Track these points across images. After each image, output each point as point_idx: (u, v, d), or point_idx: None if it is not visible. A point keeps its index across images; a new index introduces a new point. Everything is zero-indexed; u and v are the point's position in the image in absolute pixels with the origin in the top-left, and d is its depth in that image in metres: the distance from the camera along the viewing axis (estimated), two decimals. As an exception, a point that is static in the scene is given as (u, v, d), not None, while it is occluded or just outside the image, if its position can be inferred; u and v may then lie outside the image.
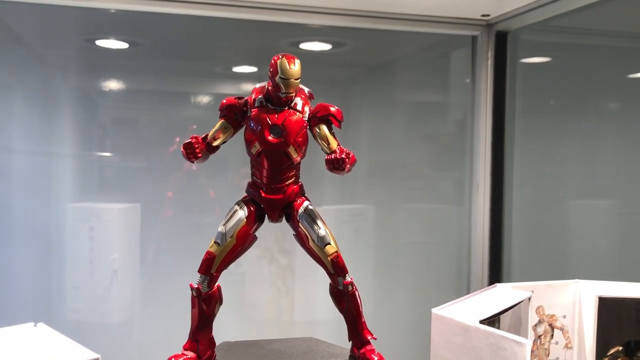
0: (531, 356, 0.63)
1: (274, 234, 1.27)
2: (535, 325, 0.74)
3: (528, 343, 0.58)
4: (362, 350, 0.64)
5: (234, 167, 1.31)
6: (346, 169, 0.61)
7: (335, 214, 1.37)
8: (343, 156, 0.60)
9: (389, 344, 0.70)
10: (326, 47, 1.39)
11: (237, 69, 1.39)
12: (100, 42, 1.30)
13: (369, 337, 0.65)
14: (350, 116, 1.42)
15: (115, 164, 1.29)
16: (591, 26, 1.42)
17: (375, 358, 0.63)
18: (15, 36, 1.25)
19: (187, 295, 0.64)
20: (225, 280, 0.65)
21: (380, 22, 1.28)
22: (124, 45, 1.31)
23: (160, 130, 1.34)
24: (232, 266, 0.64)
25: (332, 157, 0.61)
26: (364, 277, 1.39)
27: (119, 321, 1.26)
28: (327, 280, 0.65)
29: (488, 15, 1.31)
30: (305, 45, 1.37)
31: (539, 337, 0.74)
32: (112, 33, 1.29)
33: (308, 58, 1.40)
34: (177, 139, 1.39)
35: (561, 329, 0.74)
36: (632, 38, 1.50)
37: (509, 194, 1.40)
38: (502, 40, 1.37)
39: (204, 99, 1.37)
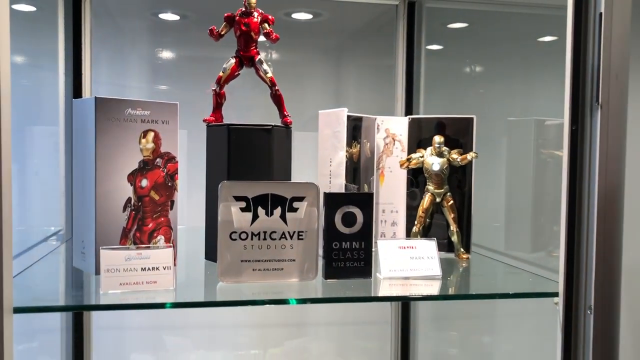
0: (382, 154, 1.29)
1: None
2: (385, 137, 1.38)
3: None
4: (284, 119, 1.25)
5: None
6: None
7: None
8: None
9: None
10: (309, 16, 2.07)
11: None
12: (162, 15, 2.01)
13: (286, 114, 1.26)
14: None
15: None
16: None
17: (289, 119, 1.25)
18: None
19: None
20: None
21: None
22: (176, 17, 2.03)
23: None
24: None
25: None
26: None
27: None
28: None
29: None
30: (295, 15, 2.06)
31: (386, 144, 1.38)
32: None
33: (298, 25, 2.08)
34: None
35: (400, 141, 1.39)
36: (537, 7, 2.06)
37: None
38: (414, 9, 1.84)
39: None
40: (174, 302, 0.97)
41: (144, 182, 1.11)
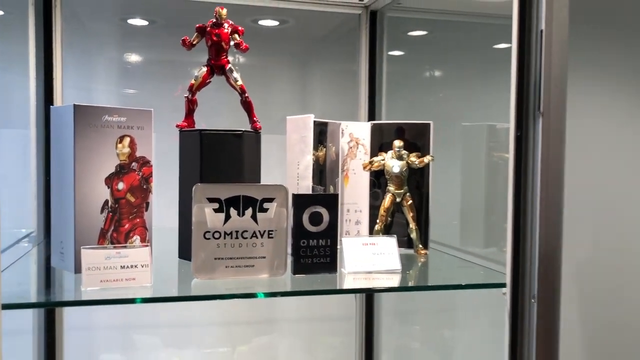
0: (346, 157, 1.37)
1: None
2: (349, 141, 1.47)
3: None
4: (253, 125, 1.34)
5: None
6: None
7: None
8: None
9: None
10: (276, 23, 2.15)
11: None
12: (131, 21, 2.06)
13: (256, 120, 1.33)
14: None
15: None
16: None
17: (258, 124, 1.33)
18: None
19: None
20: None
21: (300, 4, 2.01)
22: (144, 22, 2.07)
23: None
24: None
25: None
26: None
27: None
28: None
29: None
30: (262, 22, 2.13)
31: (350, 147, 1.47)
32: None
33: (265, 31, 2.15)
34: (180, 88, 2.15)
35: (363, 145, 1.47)
36: (491, 17, 2.18)
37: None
38: (375, 18, 1.92)
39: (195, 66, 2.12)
40: (150, 297, 1.03)
41: (121, 185, 1.16)
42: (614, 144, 2.11)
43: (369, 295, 1.93)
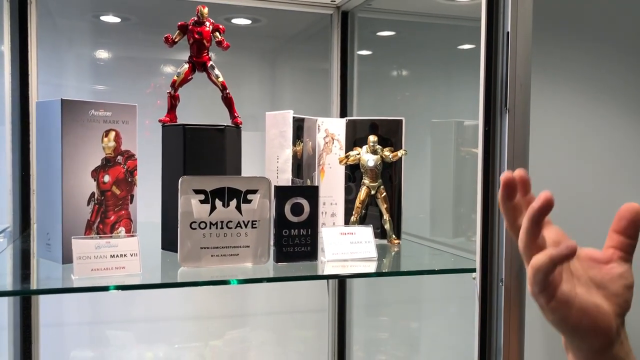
0: (322, 152, 1.43)
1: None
2: (325, 137, 1.53)
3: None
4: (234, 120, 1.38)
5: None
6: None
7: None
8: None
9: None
10: (248, 22, 2.19)
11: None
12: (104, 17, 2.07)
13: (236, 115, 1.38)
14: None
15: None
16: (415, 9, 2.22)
17: (239, 120, 1.38)
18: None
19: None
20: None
21: (273, 4, 2.06)
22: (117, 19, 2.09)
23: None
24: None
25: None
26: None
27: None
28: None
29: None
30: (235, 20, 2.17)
31: (326, 143, 1.53)
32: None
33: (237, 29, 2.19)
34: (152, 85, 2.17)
35: (338, 140, 1.53)
36: (457, 18, 2.28)
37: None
38: (347, 18, 2.03)
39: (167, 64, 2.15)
40: (147, 283, 1.06)
41: (106, 178, 1.19)
42: (575, 139, 2.23)
43: (341, 287, 1.99)
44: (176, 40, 1.34)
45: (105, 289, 1.03)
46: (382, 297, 2.24)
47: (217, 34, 1.35)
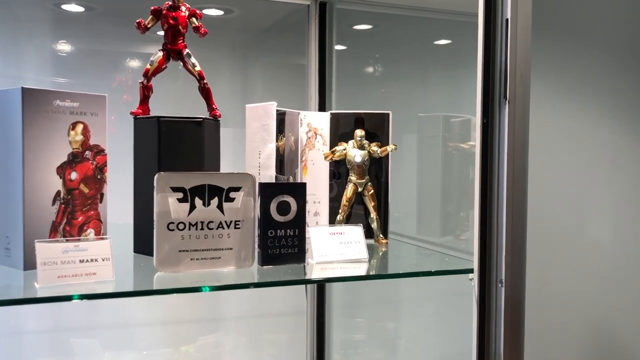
0: (305, 148, 1.35)
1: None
2: (307, 131, 1.45)
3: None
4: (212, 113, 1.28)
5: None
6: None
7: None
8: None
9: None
10: (220, 12, 2.09)
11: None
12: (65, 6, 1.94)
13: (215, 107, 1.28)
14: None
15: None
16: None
17: (217, 112, 1.27)
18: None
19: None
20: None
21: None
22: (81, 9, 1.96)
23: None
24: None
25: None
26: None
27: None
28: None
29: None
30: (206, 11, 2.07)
31: (309, 138, 1.44)
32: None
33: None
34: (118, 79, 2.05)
35: (321, 135, 1.46)
36: (434, 11, 2.22)
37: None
38: (324, 9, 1.93)
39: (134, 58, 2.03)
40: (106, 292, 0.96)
41: (74, 175, 1.09)
42: (562, 134, 2.20)
43: (320, 289, 1.91)
44: (149, 26, 1.24)
45: (69, 298, 0.93)
46: (361, 298, 2.17)
47: (194, 19, 1.26)
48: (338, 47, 2.05)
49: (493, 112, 1.08)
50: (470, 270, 1.10)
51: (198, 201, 1.05)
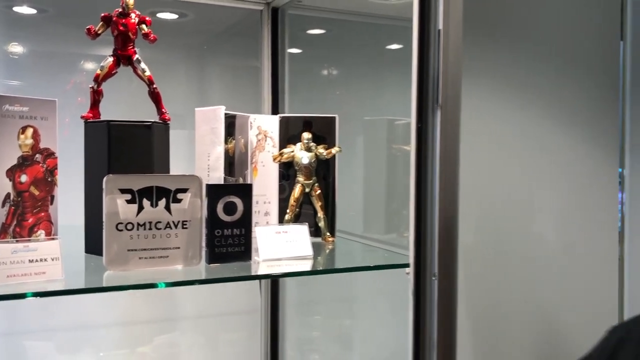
0: (255, 150, 1.40)
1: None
2: (257, 134, 1.50)
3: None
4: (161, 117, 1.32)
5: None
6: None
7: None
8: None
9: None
10: (175, 16, 2.12)
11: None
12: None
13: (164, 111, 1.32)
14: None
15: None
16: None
17: (167, 115, 1.32)
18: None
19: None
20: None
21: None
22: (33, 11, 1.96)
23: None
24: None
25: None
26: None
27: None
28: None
29: (265, -5, 2.02)
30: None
31: (259, 140, 1.50)
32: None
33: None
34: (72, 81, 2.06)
35: (271, 137, 1.51)
36: (386, 18, 2.30)
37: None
38: (277, 15, 2.01)
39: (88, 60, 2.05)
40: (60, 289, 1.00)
41: (24, 178, 1.11)
42: (502, 135, 2.30)
43: (274, 287, 1.96)
44: (99, 32, 1.27)
45: (22, 296, 0.96)
46: (315, 295, 2.23)
47: (144, 26, 1.29)
48: (292, 50, 2.10)
49: (427, 116, 1.15)
50: (407, 265, 1.17)
51: (146, 202, 1.09)
